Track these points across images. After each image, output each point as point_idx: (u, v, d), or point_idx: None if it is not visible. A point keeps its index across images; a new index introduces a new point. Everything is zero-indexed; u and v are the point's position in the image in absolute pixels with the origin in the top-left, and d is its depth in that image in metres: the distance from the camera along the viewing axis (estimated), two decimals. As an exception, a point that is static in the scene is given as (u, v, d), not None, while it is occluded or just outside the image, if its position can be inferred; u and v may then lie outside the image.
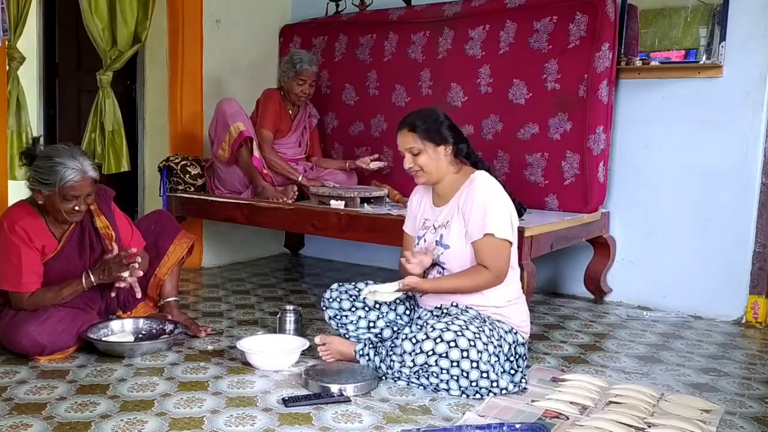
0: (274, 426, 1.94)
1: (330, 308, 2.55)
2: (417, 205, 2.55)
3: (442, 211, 2.41)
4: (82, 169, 2.40)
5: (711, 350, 2.82)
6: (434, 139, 2.33)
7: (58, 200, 2.40)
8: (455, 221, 2.34)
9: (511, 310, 2.36)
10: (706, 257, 3.33)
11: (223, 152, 3.56)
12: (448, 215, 2.38)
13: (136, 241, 2.75)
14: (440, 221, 2.40)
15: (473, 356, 2.11)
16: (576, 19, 3.35)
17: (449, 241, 2.34)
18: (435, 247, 2.38)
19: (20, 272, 2.41)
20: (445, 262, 2.36)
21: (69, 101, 4.77)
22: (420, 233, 2.48)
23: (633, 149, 3.49)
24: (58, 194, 2.38)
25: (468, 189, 2.33)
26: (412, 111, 2.45)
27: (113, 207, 2.72)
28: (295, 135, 3.85)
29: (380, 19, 4.05)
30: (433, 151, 2.34)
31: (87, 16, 3.68)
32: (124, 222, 2.74)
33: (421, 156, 2.34)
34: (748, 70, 3.17)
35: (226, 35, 4.10)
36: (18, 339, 2.38)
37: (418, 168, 2.35)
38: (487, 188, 2.31)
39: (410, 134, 2.34)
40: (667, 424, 1.97)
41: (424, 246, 2.43)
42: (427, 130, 2.33)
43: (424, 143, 2.33)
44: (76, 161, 2.40)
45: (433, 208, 2.46)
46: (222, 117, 3.57)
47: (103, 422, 1.93)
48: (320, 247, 4.58)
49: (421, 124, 2.34)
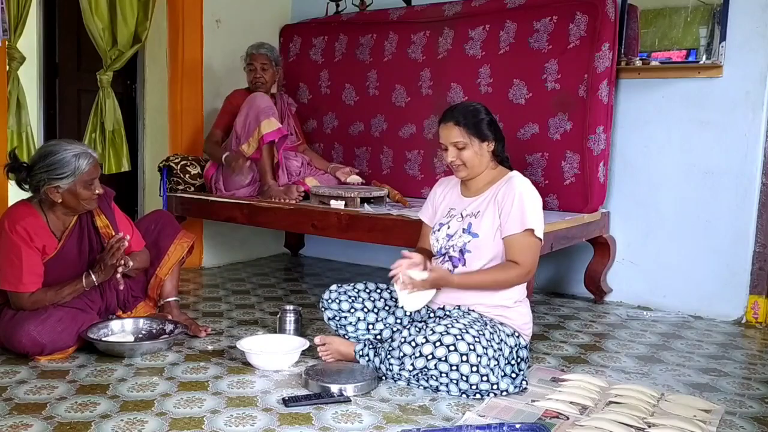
0: (274, 426, 1.94)
1: (329, 309, 2.55)
2: (441, 196, 2.55)
3: (474, 201, 2.41)
4: (87, 152, 2.46)
5: (711, 350, 2.82)
6: (479, 134, 2.35)
7: (79, 189, 2.43)
8: (489, 212, 2.34)
9: (516, 311, 2.36)
10: (706, 257, 3.33)
11: (248, 147, 3.49)
12: (480, 206, 2.38)
13: (137, 241, 2.75)
14: (470, 210, 2.39)
15: (473, 360, 2.11)
16: (576, 19, 3.35)
17: (479, 230, 2.34)
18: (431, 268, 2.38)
19: (21, 272, 2.42)
20: (471, 251, 2.34)
21: (69, 101, 4.76)
22: (443, 221, 2.47)
23: (633, 149, 3.49)
24: (79, 183, 2.42)
25: (507, 184, 2.35)
26: (453, 104, 2.47)
27: (114, 207, 2.72)
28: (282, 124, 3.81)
29: (380, 19, 4.05)
30: (479, 146, 2.36)
31: (87, 16, 3.68)
32: (125, 222, 2.74)
33: (466, 150, 2.35)
34: (748, 70, 3.17)
35: (226, 35, 4.11)
36: (18, 338, 2.38)
37: (461, 162, 2.37)
38: (529, 187, 2.35)
39: (456, 128, 2.35)
40: (667, 424, 1.97)
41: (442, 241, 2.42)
42: (473, 125, 2.35)
43: (470, 138, 2.35)
44: (78, 147, 2.46)
45: (462, 198, 2.47)
46: (255, 111, 3.49)
47: (103, 422, 1.93)
48: (320, 247, 4.58)
49: (467, 119, 2.35)
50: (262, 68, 3.70)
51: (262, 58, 3.71)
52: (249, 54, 3.73)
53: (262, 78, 3.71)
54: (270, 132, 3.44)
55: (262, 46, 3.74)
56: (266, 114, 3.47)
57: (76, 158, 2.41)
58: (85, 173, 2.43)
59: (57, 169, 2.39)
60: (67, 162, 2.40)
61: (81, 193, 2.45)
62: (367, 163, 4.06)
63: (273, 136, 3.45)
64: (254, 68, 3.70)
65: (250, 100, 3.54)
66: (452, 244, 2.39)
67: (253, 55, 3.71)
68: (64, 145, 2.45)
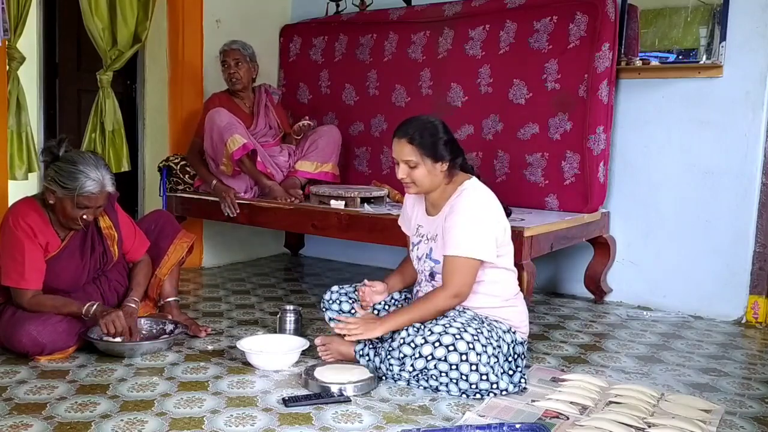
0: (274, 426, 1.94)
1: (330, 310, 2.56)
2: (412, 208, 2.53)
3: (434, 221, 2.37)
4: (102, 182, 2.41)
5: (711, 350, 2.82)
6: (433, 154, 2.25)
7: (70, 206, 2.40)
8: (441, 236, 2.31)
9: (508, 311, 2.35)
10: (706, 257, 3.33)
11: (226, 167, 3.48)
12: (437, 227, 2.34)
13: (140, 242, 2.76)
14: (432, 233, 2.37)
15: (472, 359, 2.11)
16: (576, 19, 3.35)
17: (438, 256, 2.32)
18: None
19: (23, 268, 2.42)
20: (438, 272, 2.33)
21: (69, 101, 4.77)
22: (414, 240, 2.46)
23: (633, 149, 3.49)
24: (73, 201, 2.39)
25: (455, 202, 2.29)
26: (409, 118, 2.35)
27: (117, 208, 2.72)
28: (261, 120, 3.77)
29: (380, 19, 4.05)
30: (431, 166, 2.25)
31: (87, 16, 3.68)
32: (128, 223, 2.74)
33: (417, 170, 2.26)
34: (748, 70, 3.17)
35: (226, 35, 4.10)
36: (18, 338, 2.38)
37: (410, 180, 2.29)
38: (471, 202, 2.26)
39: (408, 146, 2.25)
40: (667, 424, 1.97)
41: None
42: (427, 145, 2.24)
43: (422, 158, 2.24)
44: (98, 173, 2.40)
45: (426, 217, 2.43)
46: (217, 132, 3.45)
47: (103, 422, 1.93)
48: (320, 247, 4.58)
49: (421, 138, 2.24)
50: (236, 63, 3.66)
51: (235, 54, 3.66)
52: (222, 51, 3.69)
53: (237, 74, 3.67)
54: (236, 150, 3.41)
55: (234, 42, 3.70)
56: (229, 131, 3.43)
57: (86, 179, 2.37)
58: (84, 197, 2.38)
59: (63, 176, 2.37)
60: (75, 177, 2.36)
61: (68, 209, 2.41)
62: (367, 163, 4.06)
63: (239, 153, 3.42)
64: (228, 65, 3.67)
65: (210, 120, 3.50)
66: (422, 268, 2.39)
67: (225, 51, 3.67)
68: (89, 164, 2.40)
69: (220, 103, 3.67)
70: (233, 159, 3.43)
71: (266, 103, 3.84)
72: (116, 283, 2.72)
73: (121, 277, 2.74)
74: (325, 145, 3.74)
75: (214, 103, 3.67)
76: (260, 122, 3.77)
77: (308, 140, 3.77)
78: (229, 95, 3.77)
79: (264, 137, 3.74)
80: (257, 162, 3.52)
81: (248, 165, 3.51)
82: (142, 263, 2.77)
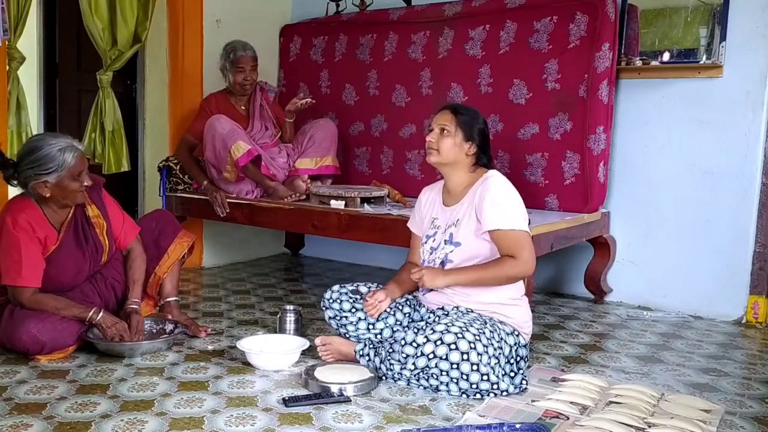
0: (274, 426, 1.94)
1: (330, 309, 2.56)
2: (426, 203, 2.57)
3: (454, 209, 2.43)
4: (73, 145, 2.43)
5: (711, 350, 2.82)
6: (467, 132, 2.40)
7: (67, 182, 2.42)
8: (467, 218, 2.36)
9: (514, 309, 2.36)
10: (706, 257, 3.33)
11: (229, 174, 3.47)
12: (459, 213, 2.40)
13: (129, 227, 2.74)
14: (451, 220, 2.42)
15: (473, 359, 2.11)
16: (576, 19, 3.35)
17: (460, 238, 2.36)
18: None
19: (20, 266, 2.41)
20: (452, 260, 2.36)
21: (69, 101, 4.77)
22: (429, 232, 2.49)
23: (633, 149, 3.49)
24: (67, 176, 2.40)
25: (483, 185, 2.37)
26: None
27: (104, 194, 2.71)
28: (257, 122, 3.75)
29: (380, 19, 4.05)
30: (461, 141, 2.39)
31: (87, 16, 3.68)
32: (116, 209, 2.73)
33: (447, 138, 2.39)
34: (748, 70, 3.17)
35: (226, 35, 4.10)
36: (18, 336, 2.38)
37: (436, 147, 2.40)
38: (504, 183, 2.39)
39: (450, 114, 2.41)
40: (668, 424, 1.97)
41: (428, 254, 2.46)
42: (466, 122, 2.40)
43: (456, 129, 2.39)
44: (63, 141, 2.43)
45: (444, 208, 2.48)
46: (220, 139, 3.45)
47: (103, 422, 1.93)
48: (320, 247, 4.58)
49: (465, 115, 2.42)
50: (252, 69, 3.67)
51: (253, 60, 3.67)
52: (238, 56, 3.63)
53: (251, 80, 3.68)
54: (241, 156, 3.41)
55: (247, 46, 3.67)
56: (232, 138, 3.42)
57: (62, 152, 2.39)
58: (72, 166, 2.40)
59: (43, 164, 2.38)
60: (53, 156, 2.38)
61: (69, 185, 2.43)
62: (367, 163, 4.06)
63: (244, 160, 3.42)
64: (244, 70, 3.64)
65: (210, 128, 3.49)
66: (434, 257, 2.42)
67: (242, 57, 3.63)
68: (49, 140, 2.42)
69: (216, 104, 3.68)
70: (238, 166, 3.43)
71: (261, 103, 3.82)
72: (113, 281, 2.70)
73: (117, 273, 2.72)
74: (322, 139, 3.74)
75: (210, 104, 3.68)
76: (255, 124, 3.75)
77: (305, 136, 3.77)
78: (226, 96, 3.76)
79: (261, 139, 3.73)
80: (261, 166, 3.52)
81: (252, 170, 3.51)
82: (135, 257, 2.74)
